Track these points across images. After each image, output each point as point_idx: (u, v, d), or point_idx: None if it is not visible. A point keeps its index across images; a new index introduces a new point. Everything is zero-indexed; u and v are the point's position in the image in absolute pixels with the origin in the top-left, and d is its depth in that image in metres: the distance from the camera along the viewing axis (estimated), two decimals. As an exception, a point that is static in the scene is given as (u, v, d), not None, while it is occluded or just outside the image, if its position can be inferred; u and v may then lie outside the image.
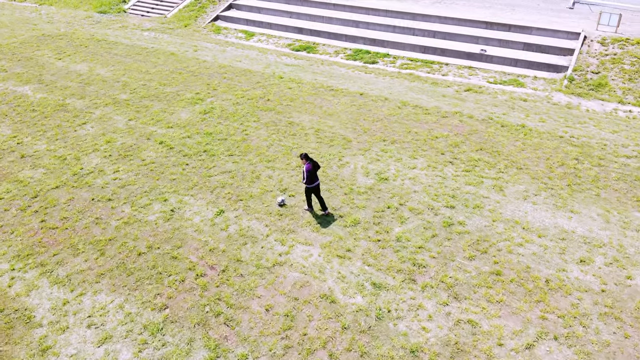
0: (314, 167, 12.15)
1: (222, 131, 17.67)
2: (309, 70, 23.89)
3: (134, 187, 14.40)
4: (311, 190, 12.42)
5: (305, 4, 30.94)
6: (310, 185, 12.27)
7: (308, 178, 12.10)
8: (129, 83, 21.83)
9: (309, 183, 12.21)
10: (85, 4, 35.68)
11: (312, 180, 12.20)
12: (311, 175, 12.10)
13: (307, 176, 12.06)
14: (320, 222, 12.72)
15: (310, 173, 12.05)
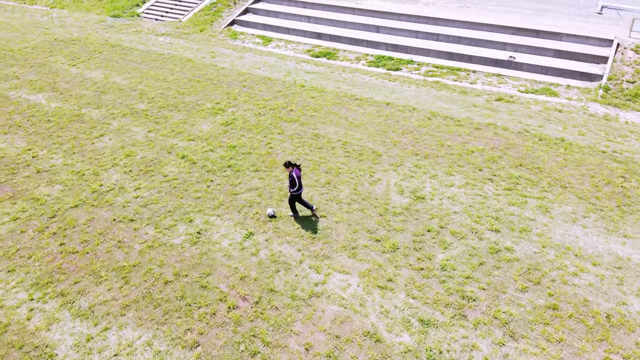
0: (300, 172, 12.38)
1: (246, 144, 16.90)
2: (331, 77, 23.10)
3: (157, 206, 13.66)
4: (299, 196, 12.47)
5: (324, 9, 30.16)
6: (299, 192, 12.34)
7: (299, 184, 12.15)
8: (146, 92, 21.13)
9: (300, 189, 12.28)
10: (97, 8, 35.09)
11: (301, 186, 12.32)
12: (301, 180, 12.25)
13: (298, 183, 12.09)
14: (356, 246, 11.92)
15: (300, 179, 12.16)
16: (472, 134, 17.27)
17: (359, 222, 12.76)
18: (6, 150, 16.61)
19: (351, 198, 13.82)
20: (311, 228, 12.63)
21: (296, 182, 12.11)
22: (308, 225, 12.75)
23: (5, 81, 22.50)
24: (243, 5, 31.60)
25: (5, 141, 17.22)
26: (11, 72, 23.57)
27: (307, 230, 12.57)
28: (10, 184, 14.80)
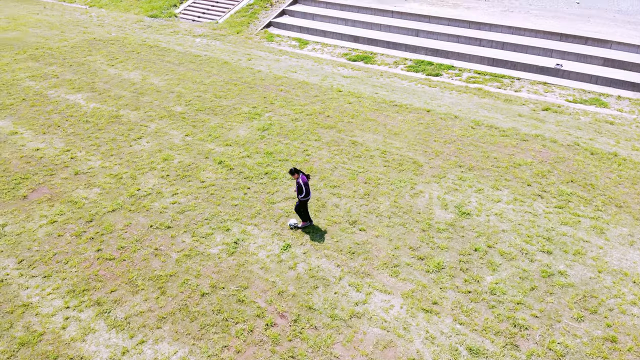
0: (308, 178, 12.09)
1: (283, 151, 16.57)
2: (368, 82, 22.59)
3: (194, 213, 13.44)
4: (306, 203, 12.20)
5: (361, 11, 29.66)
6: (307, 198, 12.01)
7: (307, 191, 11.85)
8: (183, 94, 21.05)
9: (307, 196, 11.95)
10: (135, 8, 35.42)
11: (309, 192, 11.99)
12: (308, 187, 11.92)
13: (306, 189, 11.79)
14: (398, 264, 11.41)
15: (307, 185, 11.85)
16: (519, 145, 16.52)
17: (401, 238, 12.25)
18: (45, 151, 16.70)
19: (391, 211, 13.32)
20: (350, 242, 12.18)
21: (303, 189, 11.79)
22: (346, 238, 12.31)
23: (45, 80, 22.78)
24: (279, 7, 31.36)
25: (45, 141, 17.33)
26: (50, 70, 23.87)
27: (345, 244, 12.12)
28: (48, 185, 14.83)
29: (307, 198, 12.07)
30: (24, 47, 27.38)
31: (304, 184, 11.82)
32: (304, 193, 11.89)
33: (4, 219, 13.26)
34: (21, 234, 12.72)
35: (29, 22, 32.91)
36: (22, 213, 13.55)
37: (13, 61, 25.24)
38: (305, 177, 11.99)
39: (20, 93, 21.29)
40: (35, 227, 12.95)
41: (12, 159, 16.18)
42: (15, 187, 14.67)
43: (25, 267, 11.54)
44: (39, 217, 13.35)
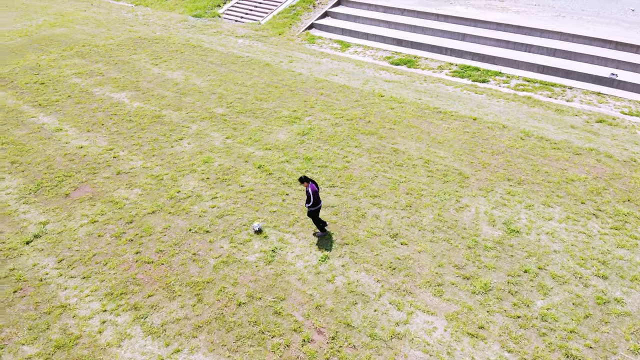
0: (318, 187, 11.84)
1: (322, 157, 16.25)
2: (411, 87, 22.02)
3: (232, 218, 13.27)
4: (318, 211, 11.86)
5: (405, 14, 29.04)
6: (317, 207, 11.75)
7: (315, 200, 11.59)
8: (225, 96, 21.02)
9: (316, 204, 11.69)
10: (180, 7, 35.84)
11: (318, 202, 11.72)
12: (317, 196, 11.63)
13: (314, 198, 11.54)
14: (442, 283, 10.90)
15: (316, 194, 11.58)
16: (572, 159, 15.67)
17: (445, 254, 11.73)
18: (89, 149, 16.91)
19: (435, 225, 12.79)
20: (391, 256, 11.74)
21: (311, 198, 11.51)
22: (387, 252, 11.88)
23: (91, 77, 23.20)
24: (322, 9, 31.09)
25: (89, 139, 17.56)
26: (96, 68, 24.30)
27: (386, 258, 11.69)
28: (91, 183, 14.97)
29: (316, 207, 11.76)
30: (71, 44, 28.04)
31: (312, 192, 11.52)
32: (312, 202, 11.58)
33: (46, 217, 13.44)
34: (62, 232, 12.84)
35: (77, 19, 33.75)
36: (64, 211, 13.70)
37: (60, 57, 25.86)
38: (315, 186, 11.68)
39: (66, 90, 21.73)
40: (76, 227, 13.06)
41: (56, 156, 16.44)
42: (58, 185, 14.88)
43: (65, 267, 11.61)
44: (80, 216, 13.46)
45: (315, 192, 11.60)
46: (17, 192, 14.50)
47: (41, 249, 12.24)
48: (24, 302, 10.57)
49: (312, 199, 11.56)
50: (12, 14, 35.81)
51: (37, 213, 13.60)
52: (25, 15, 35.11)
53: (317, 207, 11.80)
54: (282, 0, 32.74)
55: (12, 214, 13.58)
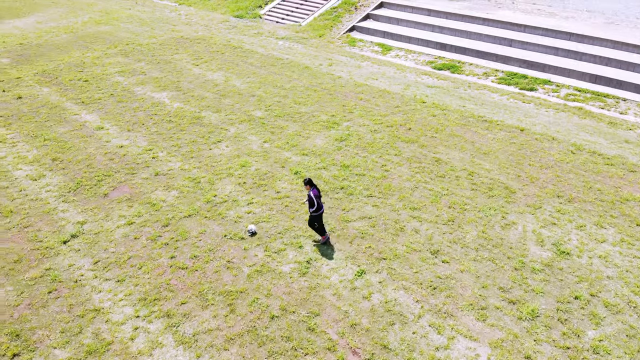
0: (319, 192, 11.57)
1: (360, 164, 15.82)
2: (455, 94, 21.31)
3: (267, 226, 13.01)
4: (320, 217, 11.67)
5: (449, 17, 28.25)
6: (319, 212, 11.55)
7: (318, 204, 11.37)
8: (263, 98, 20.85)
9: (319, 209, 11.50)
10: (222, 7, 36.02)
11: (320, 207, 11.50)
12: (320, 201, 11.42)
13: (317, 202, 11.31)
14: (486, 306, 10.31)
15: (319, 199, 11.38)
16: (626, 177, 14.72)
17: (489, 275, 11.11)
18: (129, 148, 17.00)
19: (479, 243, 12.18)
20: (431, 274, 11.21)
21: (314, 202, 11.30)
22: (427, 270, 11.35)
23: (133, 76, 23.45)
24: (364, 11, 30.61)
25: (129, 138, 17.67)
26: (139, 67, 24.57)
27: (426, 276, 11.17)
28: (129, 184, 15.01)
29: (319, 212, 11.58)
30: (114, 42, 28.51)
31: (315, 197, 11.30)
32: (315, 207, 11.35)
33: (83, 216, 13.51)
34: (99, 233, 12.87)
35: (121, 17, 34.36)
36: (101, 211, 13.75)
37: (104, 55, 26.30)
38: (317, 191, 11.46)
39: (108, 88, 22.03)
40: (113, 228, 13.07)
41: (96, 155, 16.60)
42: (97, 184, 14.97)
43: (100, 269, 11.59)
44: (118, 217, 13.48)
45: (318, 196, 11.41)
46: (57, 190, 14.67)
47: (78, 249, 12.29)
48: (58, 304, 10.58)
49: (316, 204, 11.33)
50: (58, 10, 36.81)
51: (75, 212, 13.70)
52: (71, 12, 36.02)
53: (319, 212, 11.62)
54: (324, 2, 32.44)
55: (51, 212, 13.72)
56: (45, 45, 28.10)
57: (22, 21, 33.81)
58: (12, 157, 16.34)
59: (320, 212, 11.61)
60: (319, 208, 11.50)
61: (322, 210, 11.62)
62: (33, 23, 33.21)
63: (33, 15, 35.54)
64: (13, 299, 10.72)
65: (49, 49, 27.39)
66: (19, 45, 28.16)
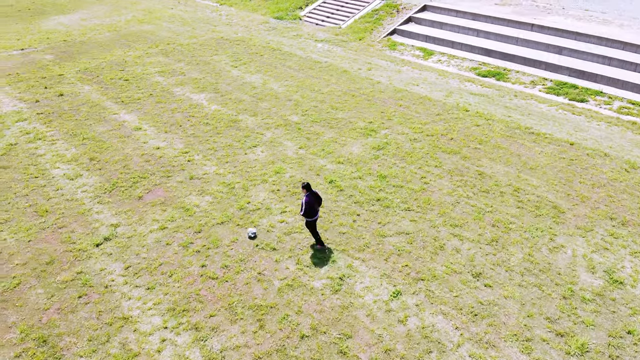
0: (315, 199, 11.28)
1: (398, 175, 15.23)
2: (500, 103, 20.41)
3: (300, 237, 12.62)
4: (311, 224, 11.53)
5: (495, 22, 27.21)
6: (310, 218, 11.38)
7: (306, 210, 11.14)
8: (300, 103, 20.49)
9: (308, 216, 11.29)
10: (263, 8, 35.94)
11: (312, 214, 11.30)
12: (310, 207, 11.16)
13: (305, 208, 11.09)
14: (531, 338, 9.60)
15: (309, 205, 11.11)
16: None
17: (535, 303, 10.38)
18: (165, 150, 16.93)
19: (525, 267, 11.44)
20: (473, 299, 10.56)
21: (302, 207, 11.14)
22: (468, 294, 10.70)
23: (172, 76, 23.51)
24: (406, 14, 29.89)
25: (166, 140, 17.62)
26: (178, 67, 24.64)
27: (467, 301, 10.52)
28: (164, 187, 14.89)
29: (311, 218, 11.38)
30: (156, 41, 28.75)
31: (305, 203, 11.07)
32: (303, 212, 11.18)
33: (117, 219, 13.44)
34: (132, 237, 12.75)
35: (163, 17, 34.72)
36: (135, 214, 13.65)
37: (145, 54, 26.52)
38: (313, 197, 11.18)
39: (148, 88, 22.13)
40: (146, 232, 12.94)
41: (133, 156, 16.59)
42: (132, 186, 14.92)
43: (131, 275, 11.44)
44: (151, 221, 13.35)
45: (308, 202, 11.09)
46: (92, 191, 14.69)
47: (110, 253, 12.20)
48: (87, 310, 10.46)
49: (303, 209, 11.13)
50: (103, 8, 37.54)
51: (109, 214, 13.66)
52: (115, 11, 36.66)
53: (312, 218, 11.42)
54: (365, 5, 31.88)
55: (85, 213, 13.72)
56: (89, 43, 28.60)
57: (67, 17, 34.62)
58: (51, 155, 16.51)
59: (312, 219, 11.41)
60: (307, 214, 11.26)
61: (314, 217, 11.42)
62: (77, 20, 33.94)
63: (78, 12, 36.36)
64: (43, 302, 10.68)
65: (92, 47, 27.85)
66: (62, 42, 28.77)
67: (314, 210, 11.32)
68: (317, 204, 11.41)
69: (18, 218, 13.52)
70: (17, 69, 24.52)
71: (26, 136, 17.85)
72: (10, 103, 20.63)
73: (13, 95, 21.34)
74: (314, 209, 11.31)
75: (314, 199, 11.29)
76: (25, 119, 19.20)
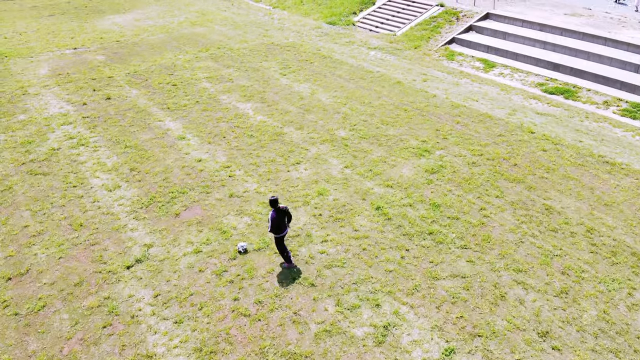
0: (283, 215, 10.89)
1: (454, 204, 13.85)
2: (569, 125, 18.56)
3: (342, 272, 11.50)
4: (278, 241, 11.20)
5: (565, 34, 25.11)
6: (277, 235, 11.06)
7: (272, 226, 10.83)
8: (349, 116, 19.37)
9: (275, 232, 10.99)
10: (316, 12, 35.05)
11: (278, 230, 10.96)
12: (277, 224, 10.83)
13: (271, 224, 10.80)
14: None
15: (274, 222, 10.78)
16: None
17: None
18: (207, 163, 16.23)
19: (599, 326, 9.86)
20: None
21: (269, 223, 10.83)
22: (534, 357, 9.27)
23: (220, 82, 22.93)
24: (466, 22, 28.17)
25: (208, 152, 16.93)
26: (227, 73, 24.06)
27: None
28: (202, 204, 14.16)
29: (277, 235, 11.04)
30: (207, 45, 28.36)
31: (271, 219, 10.75)
32: (269, 228, 10.87)
33: (151, 238, 12.77)
34: (164, 260, 12.03)
35: (216, 19, 34.43)
36: (170, 234, 12.95)
37: (195, 58, 26.13)
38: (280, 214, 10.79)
39: (195, 94, 21.61)
40: (180, 255, 12.19)
41: (174, 168, 15.98)
42: (170, 202, 14.27)
43: (160, 305, 10.68)
44: (185, 243, 12.60)
45: (274, 219, 10.74)
46: (129, 205, 14.12)
47: (140, 277, 11.51)
48: (110, 342, 9.75)
49: (270, 226, 10.82)
50: (157, 8, 37.72)
51: (144, 232, 13.02)
52: (169, 11, 36.73)
53: (278, 235, 11.05)
54: (422, 11, 30.37)
55: (120, 229, 13.14)
56: (141, 44, 28.56)
57: (122, 17, 34.93)
58: (92, 163, 16.14)
59: (278, 235, 11.05)
60: (274, 231, 10.91)
61: (281, 234, 11.03)
62: (132, 20, 34.17)
63: (133, 11, 36.68)
64: (66, 329, 10.06)
65: (144, 49, 27.77)
66: (115, 43, 28.87)
67: (281, 226, 10.92)
68: (285, 220, 10.99)
69: (52, 231, 13.10)
70: (69, 68, 24.66)
71: (70, 141, 17.62)
72: (58, 105, 20.59)
73: (61, 97, 21.34)
74: (281, 225, 10.90)
75: (281, 216, 10.86)
76: (70, 122, 19.04)
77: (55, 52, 27.19)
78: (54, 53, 27.08)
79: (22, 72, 24.34)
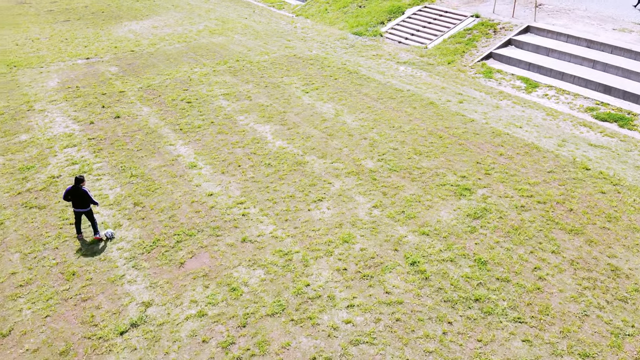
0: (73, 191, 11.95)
1: (503, 261, 11.85)
2: (627, 159, 16.36)
3: (370, 351, 9.62)
4: (75, 215, 12.42)
5: (616, 52, 22.78)
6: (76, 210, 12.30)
7: (65, 197, 12.06)
8: (377, 143, 17.46)
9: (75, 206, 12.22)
10: (341, 21, 33.19)
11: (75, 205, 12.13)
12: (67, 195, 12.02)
13: (64, 195, 12.02)
14: None
15: (66, 193, 12.00)
16: None
17: None
18: (218, 198, 14.53)
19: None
20: None
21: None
22: None
23: (238, 100, 21.26)
24: (505, 35, 26.00)
25: (221, 184, 15.23)
26: (245, 90, 22.38)
27: None
28: (210, 251, 12.44)
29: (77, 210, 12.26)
30: (225, 57, 26.76)
31: (65, 191, 12.00)
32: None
33: (151, 294, 11.08)
34: (163, 324, 10.32)
35: (236, 28, 32.85)
36: (172, 289, 11.25)
37: (212, 72, 24.54)
38: (75, 187, 11.95)
39: (210, 114, 19.97)
40: (181, 318, 10.46)
41: (182, 203, 14.31)
42: (175, 246, 12.58)
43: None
44: (189, 303, 10.87)
45: (68, 191, 12.01)
46: (129, 249, 12.48)
47: (134, 346, 9.81)
48: None
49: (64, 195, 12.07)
50: (176, 15, 36.32)
51: (143, 286, 11.34)
52: (188, 18, 35.28)
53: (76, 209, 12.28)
54: (456, 22, 28.27)
55: (116, 281, 11.49)
56: (157, 55, 27.10)
57: (139, 24, 33.60)
58: (93, 195, 14.54)
59: (77, 210, 12.22)
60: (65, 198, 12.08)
61: (76, 209, 12.19)
62: (149, 27, 32.80)
63: (151, 18, 35.34)
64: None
65: (159, 60, 26.28)
66: (130, 53, 27.47)
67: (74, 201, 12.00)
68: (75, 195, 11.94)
69: (41, 280, 11.52)
70: (79, 81, 23.29)
71: (71, 168, 16.10)
72: (63, 123, 19.15)
73: (68, 114, 19.90)
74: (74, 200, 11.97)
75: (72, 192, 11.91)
76: (75, 144, 17.55)
77: (67, 62, 25.88)
78: (65, 63, 25.77)
79: (30, 84, 23.05)
